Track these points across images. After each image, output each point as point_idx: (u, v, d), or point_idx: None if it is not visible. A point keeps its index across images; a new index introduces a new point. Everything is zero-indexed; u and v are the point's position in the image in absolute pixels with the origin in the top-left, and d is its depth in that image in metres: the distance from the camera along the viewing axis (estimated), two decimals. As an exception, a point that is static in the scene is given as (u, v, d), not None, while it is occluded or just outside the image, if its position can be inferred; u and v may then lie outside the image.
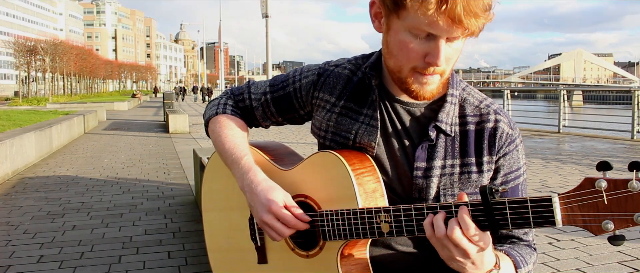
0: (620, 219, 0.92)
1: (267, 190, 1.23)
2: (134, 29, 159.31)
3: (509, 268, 1.17)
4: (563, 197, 0.96)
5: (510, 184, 1.27)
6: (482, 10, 1.06)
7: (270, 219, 1.21)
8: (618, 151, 9.69)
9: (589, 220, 0.95)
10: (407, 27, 1.11)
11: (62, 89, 56.10)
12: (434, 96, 1.23)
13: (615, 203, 0.92)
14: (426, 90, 1.19)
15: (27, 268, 3.65)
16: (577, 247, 3.92)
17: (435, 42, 1.10)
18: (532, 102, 38.70)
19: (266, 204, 1.21)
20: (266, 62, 20.18)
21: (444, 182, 1.24)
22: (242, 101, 1.48)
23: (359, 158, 1.25)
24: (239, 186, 1.30)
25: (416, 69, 1.16)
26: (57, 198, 5.97)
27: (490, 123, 1.25)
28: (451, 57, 1.15)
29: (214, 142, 1.40)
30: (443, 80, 1.20)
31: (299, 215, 1.22)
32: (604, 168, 0.94)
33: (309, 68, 1.42)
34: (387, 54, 1.21)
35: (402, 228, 1.12)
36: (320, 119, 1.36)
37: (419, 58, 1.13)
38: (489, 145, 1.24)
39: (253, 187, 1.25)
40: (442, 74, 1.18)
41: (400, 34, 1.13)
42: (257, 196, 1.24)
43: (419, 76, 1.17)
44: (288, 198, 1.23)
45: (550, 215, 0.97)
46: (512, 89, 17.07)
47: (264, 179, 1.26)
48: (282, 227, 1.21)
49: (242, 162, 1.30)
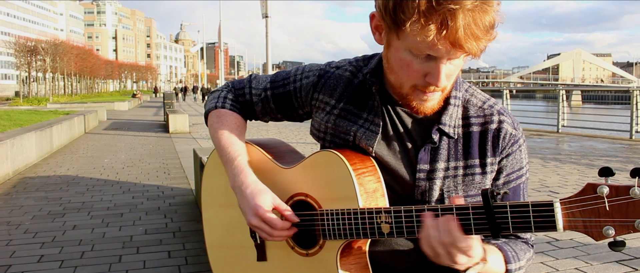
0: (621, 225, 0.92)
1: (255, 193, 1.25)
2: (134, 29, 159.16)
3: (498, 262, 1.17)
4: (565, 202, 0.97)
5: (512, 184, 1.27)
6: (484, 31, 1.03)
7: (257, 222, 1.23)
8: (617, 151, 9.69)
9: (590, 226, 0.95)
10: (407, 47, 1.09)
11: (63, 89, 56.08)
12: (436, 110, 1.22)
13: (616, 210, 0.92)
14: (427, 106, 1.19)
15: (28, 268, 3.66)
16: (576, 247, 3.93)
17: (435, 62, 1.09)
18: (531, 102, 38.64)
19: (253, 208, 1.23)
20: (266, 62, 20.20)
21: (447, 184, 1.23)
22: (243, 96, 1.48)
23: (361, 158, 1.25)
24: (230, 185, 1.31)
25: (417, 86, 1.15)
26: (58, 197, 5.98)
27: (494, 124, 1.24)
28: (452, 73, 1.14)
29: (212, 137, 1.41)
30: (444, 95, 1.20)
31: (289, 216, 1.23)
32: (606, 174, 0.94)
33: (311, 68, 1.42)
34: (388, 69, 1.21)
35: (402, 230, 1.13)
36: (319, 120, 1.36)
37: (419, 77, 1.13)
38: (492, 146, 1.24)
39: (243, 189, 1.27)
40: (443, 90, 1.18)
41: (400, 52, 1.12)
42: (245, 199, 1.26)
43: (420, 93, 1.16)
44: (276, 200, 1.25)
45: (551, 220, 0.97)
46: (511, 88, 17.06)
47: (253, 182, 1.27)
48: (271, 230, 1.23)
49: (235, 162, 1.31)
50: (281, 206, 1.25)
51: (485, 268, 1.11)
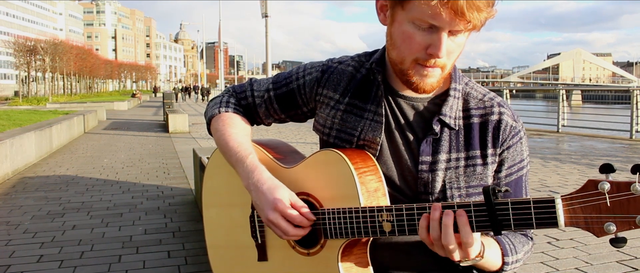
0: (622, 221, 0.93)
1: (273, 188, 1.23)
2: (134, 28, 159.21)
3: (495, 255, 1.19)
4: (566, 199, 0.97)
5: (514, 176, 1.28)
6: (485, 4, 1.08)
7: (276, 217, 1.21)
8: (617, 150, 9.70)
9: (592, 222, 0.95)
10: (411, 19, 1.13)
11: (62, 89, 56.06)
12: (435, 89, 1.24)
13: (618, 206, 0.93)
14: (426, 82, 1.20)
15: (27, 268, 3.66)
16: (576, 247, 3.93)
17: (437, 34, 1.12)
18: (531, 102, 38.69)
19: (272, 203, 1.21)
20: (266, 61, 20.19)
21: (449, 175, 1.24)
22: (245, 99, 1.48)
23: (362, 157, 1.25)
24: (243, 185, 1.30)
25: (418, 60, 1.17)
26: (57, 197, 5.98)
27: (494, 115, 1.26)
28: (453, 51, 1.16)
29: (217, 141, 1.40)
30: (444, 75, 1.21)
31: (306, 213, 1.22)
32: (607, 171, 0.94)
33: (312, 65, 1.43)
34: (391, 46, 1.22)
35: (404, 228, 1.13)
36: (324, 115, 1.37)
37: (421, 49, 1.15)
38: (493, 138, 1.25)
39: (259, 186, 1.25)
40: (443, 67, 1.19)
41: (403, 25, 1.15)
42: (263, 194, 1.24)
43: (420, 68, 1.18)
44: (293, 197, 1.24)
45: (553, 217, 0.97)
46: (511, 88, 17.07)
47: (269, 178, 1.26)
48: (288, 226, 1.21)
49: (247, 161, 1.30)
50: (298, 203, 1.23)
51: (481, 262, 1.13)
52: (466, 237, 1.04)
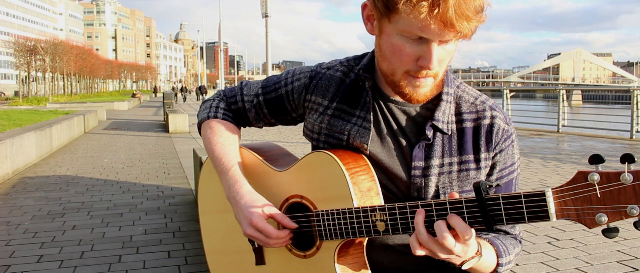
0: (613, 212, 0.93)
1: (249, 203, 1.25)
2: (134, 28, 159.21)
3: (491, 256, 1.19)
4: (556, 191, 0.97)
5: (505, 179, 1.28)
6: (474, 12, 1.06)
7: (253, 232, 1.24)
8: (617, 150, 9.69)
9: (583, 214, 0.96)
10: (399, 31, 1.11)
11: (62, 89, 56.03)
12: (428, 98, 1.24)
13: (608, 196, 0.93)
14: (420, 93, 1.20)
15: (27, 268, 3.66)
16: (576, 247, 3.93)
17: (427, 45, 1.10)
18: (532, 102, 38.70)
19: (248, 217, 1.24)
20: (266, 61, 20.19)
21: (442, 180, 1.24)
22: (235, 103, 1.48)
23: (354, 157, 1.25)
24: (226, 196, 1.32)
25: (409, 72, 1.16)
26: (57, 197, 5.98)
27: (486, 119, 1.26)
28: (444, 58, 1.15)
29: (206, 148, 1.42)
30: (436, 82, 1.21)
31: (286, 223, 1.24)
32: (596, 162, 0.94)
33: (301, 70, 1.42)
34: (380, 57, 1.21)
35: (397, 227, 1.13)
36: (312, 121, 1.37)
37: (412, 61, 1.14)
38: (486, 142, 1.25)
39: (238, 199, 1.28)
40: (435, 76, 1.18)
41: (392, 37, 1.13)
42: (240, 209, 1.27)
43: (412, 79, 1.17)
44: (271, 209, 1.24)
45: (544, 209, 0.98)
46: (511, 88, 17.07)
47: (248, 192, 1.28)
48: (266, 239, 1.23)
49: (229, 173, 1.32)
50: (277, 215, 1.25)
51: (479, 262, 1.13)
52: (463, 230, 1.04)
